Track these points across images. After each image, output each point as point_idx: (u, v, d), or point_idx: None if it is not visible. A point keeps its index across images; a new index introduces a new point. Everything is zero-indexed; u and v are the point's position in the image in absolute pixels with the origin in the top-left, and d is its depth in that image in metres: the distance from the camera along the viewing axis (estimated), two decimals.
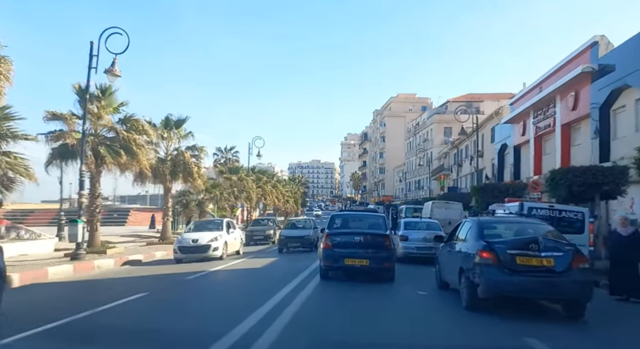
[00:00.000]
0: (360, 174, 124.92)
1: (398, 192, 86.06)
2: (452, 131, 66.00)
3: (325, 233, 11.45)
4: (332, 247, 10.91)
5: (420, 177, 72.76)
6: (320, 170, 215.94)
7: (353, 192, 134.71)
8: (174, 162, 23.50)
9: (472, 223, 8.66)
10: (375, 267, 10.80)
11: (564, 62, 22.11)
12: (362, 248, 10.84)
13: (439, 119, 68.07)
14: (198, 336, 5.90)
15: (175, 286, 10.99)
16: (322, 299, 9.22)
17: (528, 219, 9.35)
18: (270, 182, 43.91)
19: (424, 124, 73.30)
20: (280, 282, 10.39)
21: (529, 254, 7.02)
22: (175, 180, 23.71)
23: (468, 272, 7.63)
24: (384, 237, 11.07)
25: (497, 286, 7.11)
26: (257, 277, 12.79)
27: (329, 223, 11.94)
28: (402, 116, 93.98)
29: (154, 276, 12.61)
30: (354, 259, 10.73)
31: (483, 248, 7.37)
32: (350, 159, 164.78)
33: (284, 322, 6.61)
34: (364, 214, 13.99)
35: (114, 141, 17.47)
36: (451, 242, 9.53)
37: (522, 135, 28.04)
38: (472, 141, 43.62)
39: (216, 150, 39.61)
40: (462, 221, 10.00)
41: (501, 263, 7.08)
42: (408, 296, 9.77)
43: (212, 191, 28.82)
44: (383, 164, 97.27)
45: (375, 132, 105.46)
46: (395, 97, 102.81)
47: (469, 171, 44.27)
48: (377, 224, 11.81)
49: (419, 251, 15.84)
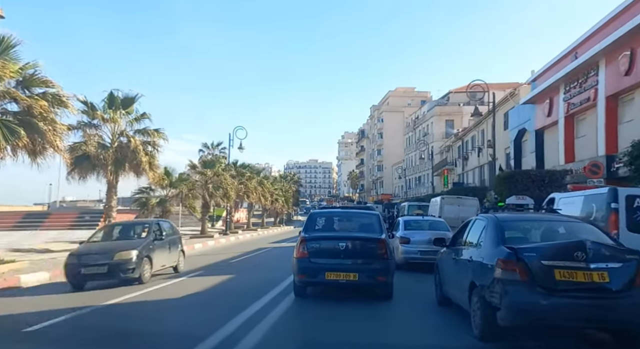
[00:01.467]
0: (358, 173, 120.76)
1: (397, 190, 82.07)
2: (455, 124, 61.62)
3: (300, 237, 8.92)
4: (308, 257, 8.54)
5: (421, 173, 68.30)
6: (317, 170, 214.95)
7: (351, 192, 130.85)
8: (120, 149, 18.79)
9: (486, 222, 6.56)
10: (367, 282, 8.46)
11: (611, 17, 17.49)
12: (349, 257, 8.45)
13: (440, 111, 63.52)
14: None
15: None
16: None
17: (556, 216, 7.06)
18: (254, 178, 39.07)
19: (424, 117, 68.72)
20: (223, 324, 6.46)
21: (574, 266, 5.11)
22: (122, 172, 18.99)
23: (483, 290, 5.74)
24: (378, 243, 8.61)
25: (526, 311, 5.23)
26: (182, 320, 7.55)
27: (306, 224, 9.43)
28: (401, 110, 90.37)
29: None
30: (338, 273, 8.33)
31: (506, 257, 5.47)
32: (347, 157, 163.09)
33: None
34: (353, 212, 11.07)
35: (19, 115, 12.78)
36: (456, 247, 7.50)
37: (547, 116, 23.44)
38: (480, 130, 38.97)
39: (202, 146, 34.75)
40: (472, 219, 7.58)
41: (533, 279, 5.23)
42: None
43: (178, 185, 24.06)
44: (381, 161, 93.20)
45: (373, 128, 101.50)
46: (394, 91, 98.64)
47: (476, 164, 39.60)
48: (370, 225, 9.36)
49: (423, 256, 13.38)
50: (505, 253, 5.48)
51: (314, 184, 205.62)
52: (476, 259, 6.20)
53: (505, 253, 5.48)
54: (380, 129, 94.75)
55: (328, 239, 8.79)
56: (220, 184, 30.09)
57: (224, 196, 29.98)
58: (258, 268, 15.37)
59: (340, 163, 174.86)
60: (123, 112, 19.13)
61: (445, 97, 68.85)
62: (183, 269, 13.60)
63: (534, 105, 25.26)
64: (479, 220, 6.99)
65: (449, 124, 62.77)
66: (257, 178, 40.55)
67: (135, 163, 18.74)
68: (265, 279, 11.56)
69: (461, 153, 45.52)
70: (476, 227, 6.89)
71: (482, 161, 37.82)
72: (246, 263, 17.04)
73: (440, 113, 63.12)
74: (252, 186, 36.41)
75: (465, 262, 6.60)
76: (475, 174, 39.86)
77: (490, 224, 6.36)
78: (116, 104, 19.04)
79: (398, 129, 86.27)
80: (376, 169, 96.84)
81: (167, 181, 23.90)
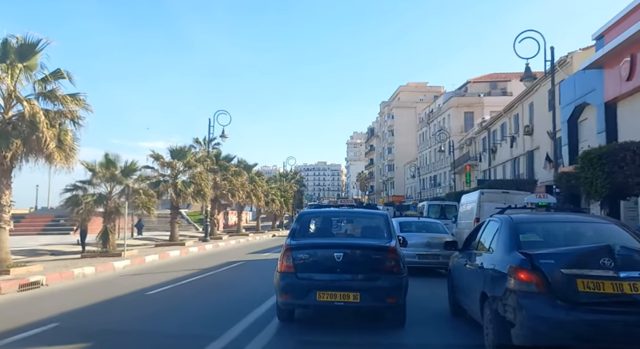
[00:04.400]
0: (367, 174, 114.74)
1: (410, 191, 75.97)
2: (474, 116, 55.18)
3: (285, 245, 6.81)
4: (295, 271, 6.51)
5: (437, 172, 61.98)
6: (326, 172, 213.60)
7: (359, 194, 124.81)
8: (13, 121, 12.83)
9: (500, 223, 5.89)
10: (372, 305, 6.50)
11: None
12: (348, 272, 6.46)
13: (458, 102, 57.20)
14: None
15: None
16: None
17: (581, 216, 6.43)
18: (243, 174, 32.88)
19: (440, 110, 62.40)
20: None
21: (600, 276, 4.38)
22: (21, 154, 12.99)
23: (495, 302, 5.01)
24: (386, 252, 6.57)
25: (545, 328, 4.42)
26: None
27: (293, 228, 7.45)
28: (412, 106, 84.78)
29: None
30: (334, 293, 6.28)
31: (520, 265, 4.77)
32: (356, 158, 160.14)
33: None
34: (354, 212, 8.67)
35: None
36: (469, 251, 6.77)
37: (626, 80, 17.03)
38: (513, 116, 32.52)
39: (193, 142, 28.58)
40: (486, 220, 6.67)
41: (552, 290, 4.49)
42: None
43: (122, 180, 17.92)
44: (392, 160, 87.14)
45: (383, 126, 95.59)
46: (405, 86, 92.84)
47: (508, 157, 33.09)
48: (376, 228, 7.46)
49: (421, 261, 13.14)
50: (518, 260, 4.85)
51: (323, 187, 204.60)
52: (488, 266, 5.60)
53: (518, 260, 4.85)
54: (391, 126, 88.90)
55: (321, 247, 6.86)
56: (194, 178, 24.03)
57: (197, 194, 23.87)
58: (204, 296, 9.39)
59: (348, 164, 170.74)
60: (20, 67, 13.07)
61: (463, 87, 62.39)
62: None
63: (600, 70, 18.81)
64: (492, 221, 6.31)
65: (468, 117, 56.41)
66: (247, 174, 34.39)
67: (34, 140, 12.70)
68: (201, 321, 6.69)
69: (487, 145, 39.07)
70: (489, 230, 6.23)
71: (516, 152, 31.38)
72: (192, 287, 11.08)
73: (458, 104, 56.80)
74: (239, 183, 30.10)
75: (476, 269, 5.97)
76: (507, 169, 33.36)
77: (503, 226, 5.77)
78: (9, 55, 13.01)
79: (410, 126, 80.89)
80: (386, 168, 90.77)
81: (105, 172, 17.78)
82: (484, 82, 60.19)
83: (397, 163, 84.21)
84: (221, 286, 11.61)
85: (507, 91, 55.85)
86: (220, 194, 30.54)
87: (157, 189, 22.56)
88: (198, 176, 23.97)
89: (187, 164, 23.87)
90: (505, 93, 56.12)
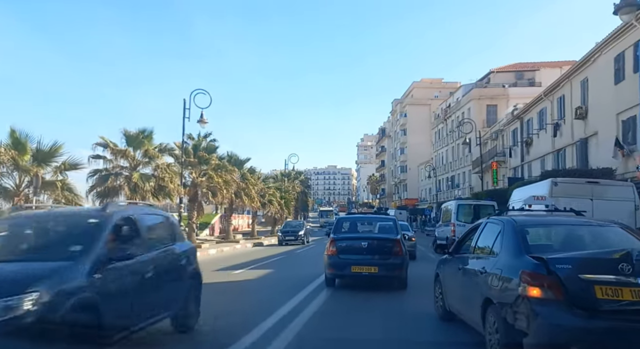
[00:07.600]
0: (378, 176, 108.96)
1: (424, 194, 70.34)
2: (498, 109, 49.42)
3: (331, 238, 11.17)
4: (337, 254, 10.70)
5: (455, 172, 56.27)
6: (336, 176, 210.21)
7: (370, 197, 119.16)
8: None
9: (502, 226, 5.60)
10: (385, 274, 10.58)
11: None
12: (370, 254, 10.64)
13: (480, 94, 51.54)
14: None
15: None
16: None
17: (580, 219, 6.15)
18: (233, 170, 27.54)
19: (458, 104, 56.73)
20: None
21: (619, 282, 4.11)
22: None
23: (504, 309, 4.68)
24: (394, 242, 10.73)
25: (562, 338, 4.16)
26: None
27: (334, 227, 11.98)
28: (427, 103, 79.40)
29: None
30: (362, 267, 10.48)
31: (534, 270, 4.44)
32: (367, 161, 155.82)
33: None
34: (373, 216, 14.72)
35: None
36: (462, 254, 6.64)
37: None
38: (557, 99, 26.77)
39: (186, 138, 23.31)
40: (482, 222, 6.48)
41: (569, 298, 4.21)
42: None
43: (29, 169, 12.63)
44: (405, 161, 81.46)
45: (395, 125, 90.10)
46: (419, 82, 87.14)
47: (549, 149, 27.31)
48: (387, 227, 11.93)
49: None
50: (531, 265, 4.54)
51: (333, 191, 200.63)
52: (492, 271, 5.28)
53: (531, 265, 4.54)
54: (404, 124, 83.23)
55: (353, 239, 11.23)
56: (156, 173, 18.73)
57: (160, 191, 18.54)
58: None
59: (359, 167, 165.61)
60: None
61: (485, 78, 56.56)
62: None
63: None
64: (491, 223, 6.11)
65: (490, 111, 50.65)
66: (237, 171, 29.04)
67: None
68: None
69: (519, 138, 33.32)
70: (488, 233, 6.01)
71: (561, 142, 25.64)
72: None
73: (480, 96, 51.12)
74: (222, 180, 24.66)
75: (475, 273, 5.80)
76: (548, 163, 27.54)
77: (507, 229, 5.48)
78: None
79: (424, 124, 75.31)
80: (399, 170, 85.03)
81: (10, 155, 12.52)
82: (508, 72, 54.26)
83: (410, 164, 78.51)
84: None
85: (536, 81, 50.01)
86: (202, 192, 25.25)
87: (106, 184, 17.31)
88: (162, 169, 18.65)
89: (147, 154, 18.54)
90: (532, 84, 50.22)
